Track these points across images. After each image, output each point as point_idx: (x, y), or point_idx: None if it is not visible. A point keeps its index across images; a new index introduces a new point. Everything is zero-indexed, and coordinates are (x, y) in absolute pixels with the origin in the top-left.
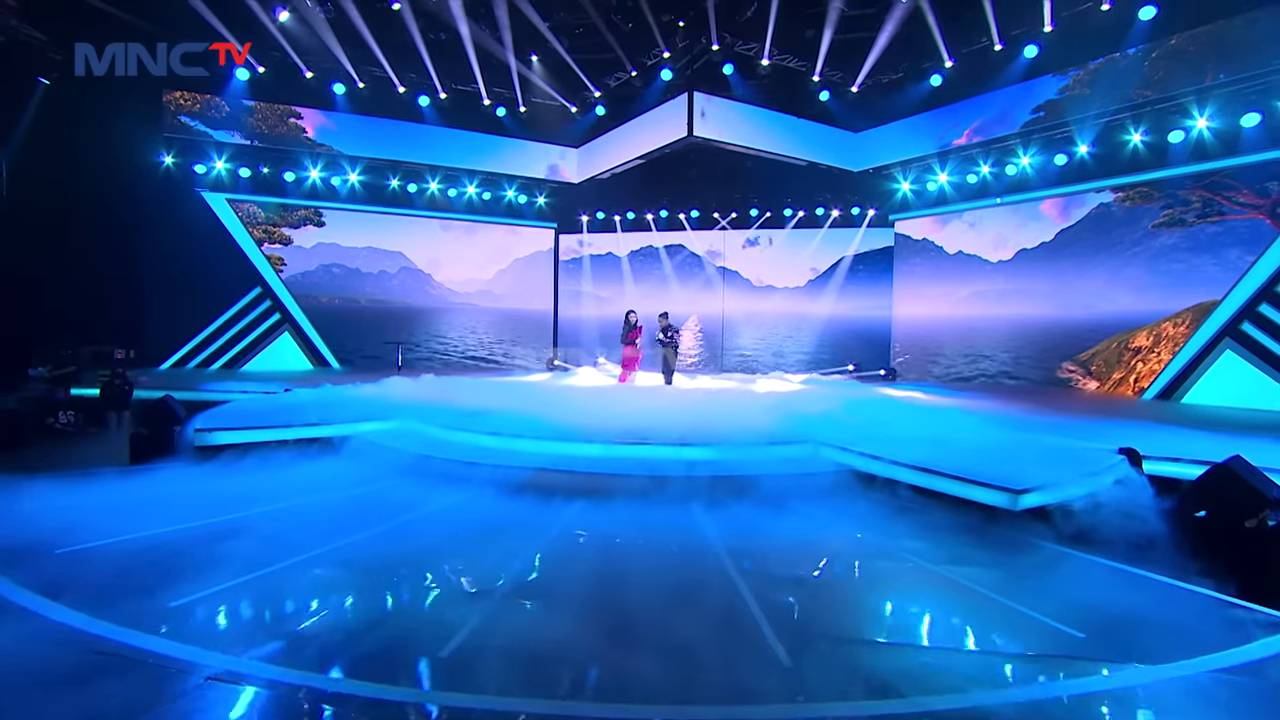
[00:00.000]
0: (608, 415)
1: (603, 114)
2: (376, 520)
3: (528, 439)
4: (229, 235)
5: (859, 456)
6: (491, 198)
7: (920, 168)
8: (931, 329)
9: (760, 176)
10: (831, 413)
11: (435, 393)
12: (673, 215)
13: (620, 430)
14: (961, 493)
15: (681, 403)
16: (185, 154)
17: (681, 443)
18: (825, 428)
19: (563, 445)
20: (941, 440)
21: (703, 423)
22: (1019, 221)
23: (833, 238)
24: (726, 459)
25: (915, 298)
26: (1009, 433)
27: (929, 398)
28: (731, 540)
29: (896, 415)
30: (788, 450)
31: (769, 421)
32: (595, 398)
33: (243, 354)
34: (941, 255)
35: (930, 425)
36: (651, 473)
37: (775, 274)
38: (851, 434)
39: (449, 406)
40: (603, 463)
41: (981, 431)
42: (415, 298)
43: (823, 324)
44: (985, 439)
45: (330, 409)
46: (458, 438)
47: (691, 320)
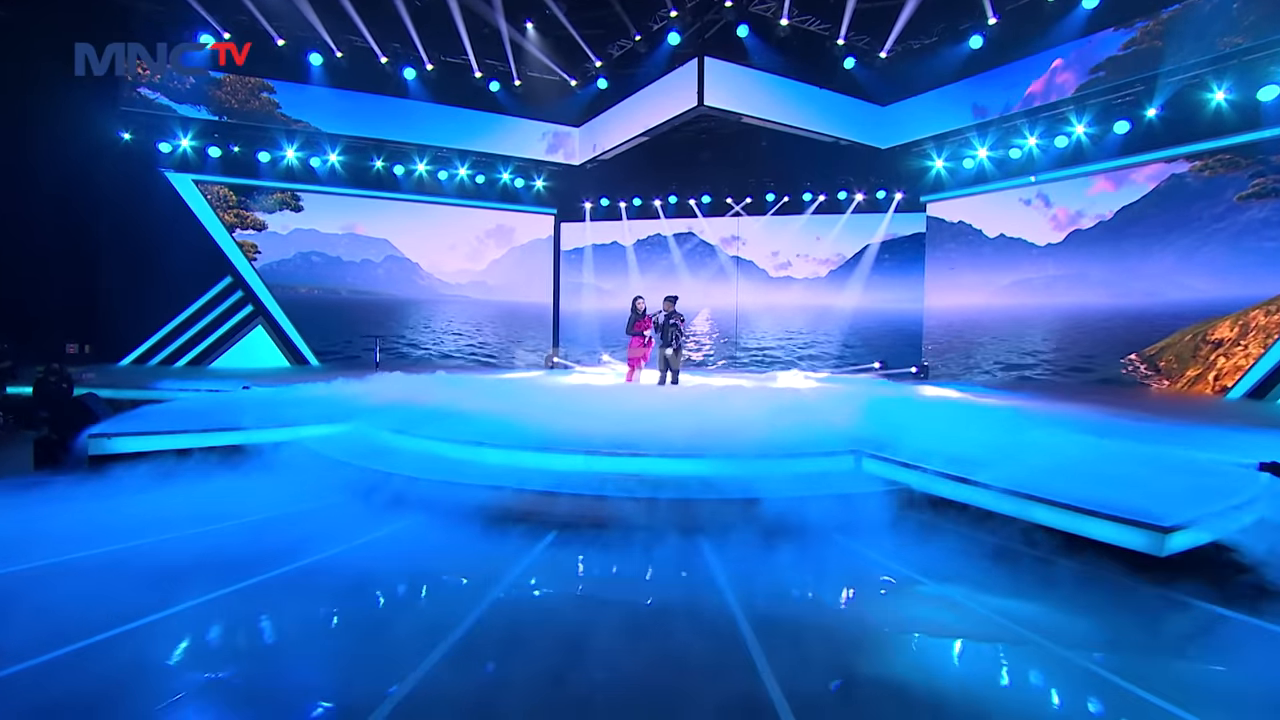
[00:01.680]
0: (599, 417)
1: (605, 87)
2: (259, 566)
3: (493, 447)
4: (196, 220)
5: (922, 474)
6: (485, 181)
7: (956, 142)
8: (968, 321)
9: (777, 157)
10: (867, 416)
11: (404, 392)
12: (682, 201)
13: (609, 437)
14: (1077, 528)
15: (687, 403)
16: (146, 130)
17: (685, 454)
18: (863, 434)
19: (535, 456)
20: (1018, 454)
21: (713, 427)
22: (1073, 199)
23: (857, 224)
24: (743, 475)
25: (950, 287)
26: (1100, 444)
27: (976, 398)
28: (755, 603)
29: (946, 419)
30: (822, 464)
31: (792, 426)
32: (589, 397)
33: (211, 350)
34: (980, 240)
35: (994, 432)
36: (646, 494)
37: (795, 263)
38: (898, 443)
39: (414, 407)
40: (584, 480)
41: (1063, 442)
42: (402, 289)
43: (846, 317)
44: (1073, 452)
45: (274, 411)
46: (411, 445)
47: (703, 313)
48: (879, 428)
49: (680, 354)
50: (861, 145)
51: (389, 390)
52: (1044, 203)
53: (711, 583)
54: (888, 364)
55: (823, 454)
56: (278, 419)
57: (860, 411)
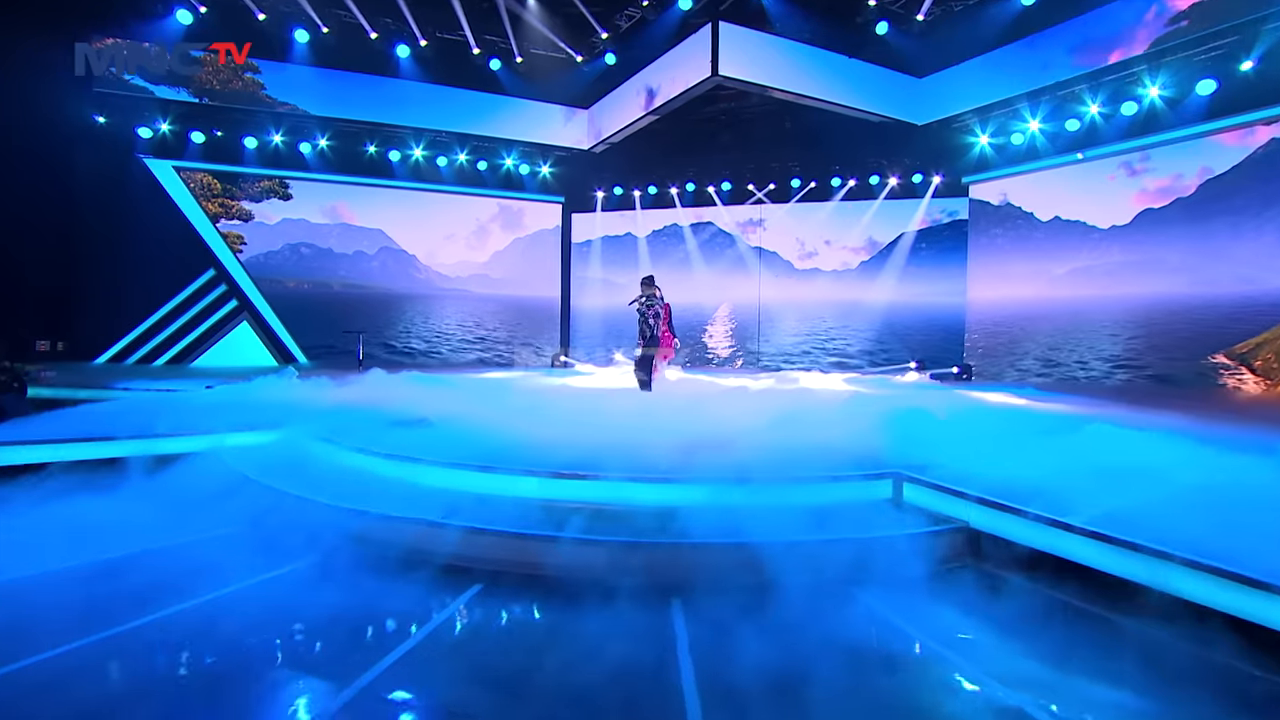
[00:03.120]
0: (579, 426)
1: (613, 63)
2: (98, 620)
3: (433, 466)
4: (177, 209)
5: (989, 512)
6: (487, 167)
7: (1004, 115)
8: (1018, 316)
9: (802, 139)
10: (904, 427)
11: (366, 394)
12: (700, 189)
13: (577, 455)
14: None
15: (681, 409)
16: (123, 113)
17: (663, 477)
18: (899, 451)
19: (475, 478)
20: (1119, 483)
21: (708, 441)
22: (1145, 173)
23: (891, 210)
24: (739, 507)
25: (996, 278)
26: (1231, 467)
27: (1034, 403)
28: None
29: (1006, 432)
30: (848, 491)
31: (810, 439)
32: (575, 401)
33: (192, 347)
34: (1031, 224)
35: (1076, 450)
36: (604, 534)
37: (822, 254)
38: (946, 464)
39: (363, 412)
40: (534, 513)
41: (1177, 463)
42: (398, 282)
43: (880, 313)
44: (1194, 478)
45: (208, 415)
46: (336, 459)
47: (723, 309)
48: (920, 443)
49: (659, 347)
50: (895, 121)
51: (351, 392)
52: (1126, 171)
53: (673, 683)
54: (926, 364)
55: (850, 478)
56: (204, 424)
57: (896, 421)
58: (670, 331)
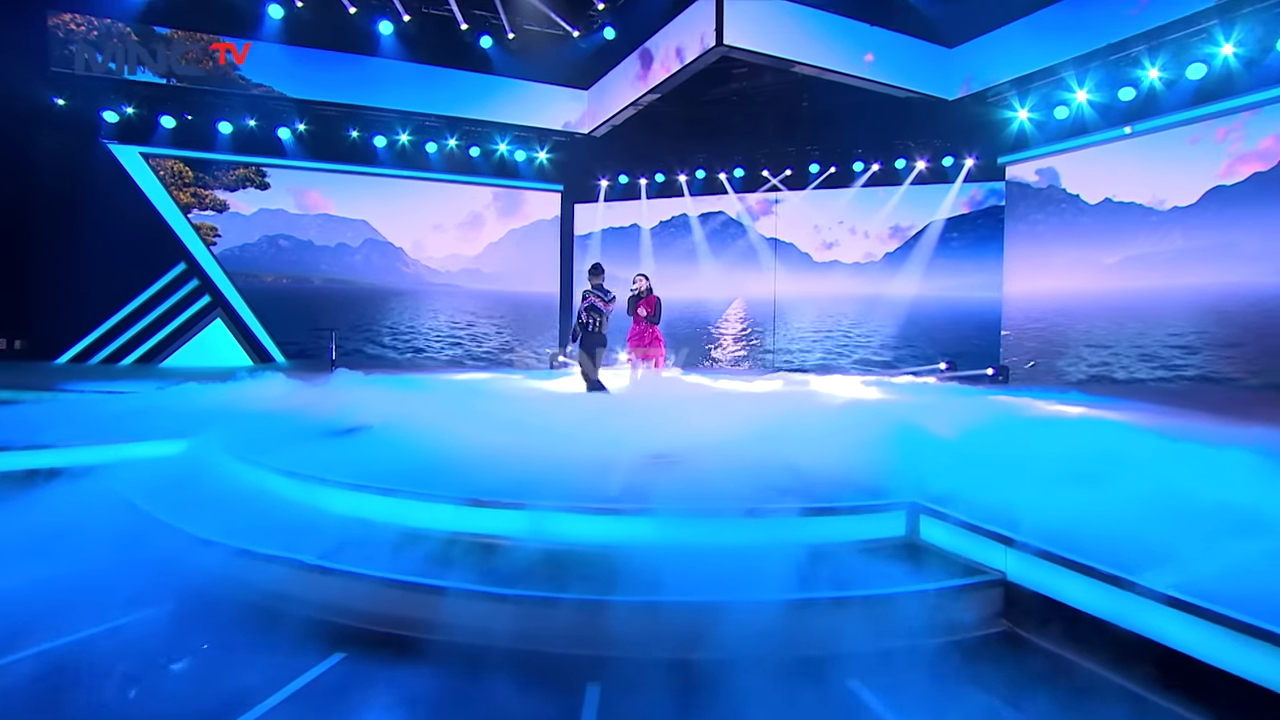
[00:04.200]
0: (535, 435)
1: (612, 38)
2: None
3: (336, 487)
4: (144, 198)
5: (1039, 563)
6: (480, 154)
7: (1046, 85)
8: (1061, 311)
9: (821, 120)
10: (925, 443)
11: (318, 398)
12: (711, 175)
13: (518, 473)
14: None
15: (667, 413)
16: (85, 96)
17: (606, 508)
18: (917, 473)
19: (387, 504)
20: (1223, 527)
21: (680, 454)
22: (1215, 146)
23: (919, 197)
24: (699, 549)
25: (1036, 269)
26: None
27: (1086, 411)
28: None
29: (1056, 448)
30: (847, 527)
31: (808, 455)
32: (549, 405)
33: (162, 346)
34: (1077, 208)
35: (1152, 474)
36: (537, 590)
37: (843, 245)
38: (975, 493)
39: (304, 419)
40: (443, 551)
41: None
42: (383, 277)
43: (906, 309)
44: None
45: (114, 423)
46: (239, 477)
47: (735, 305)
48: (943, 463)
49: (603, 345)
50: (924, 97)
51: (302, 396)
52: (1192, 144)
53: None
54: (957, 364)
55: (849, 510)
56: (112, 432)
57: (913, 435)
58: (647, 324)
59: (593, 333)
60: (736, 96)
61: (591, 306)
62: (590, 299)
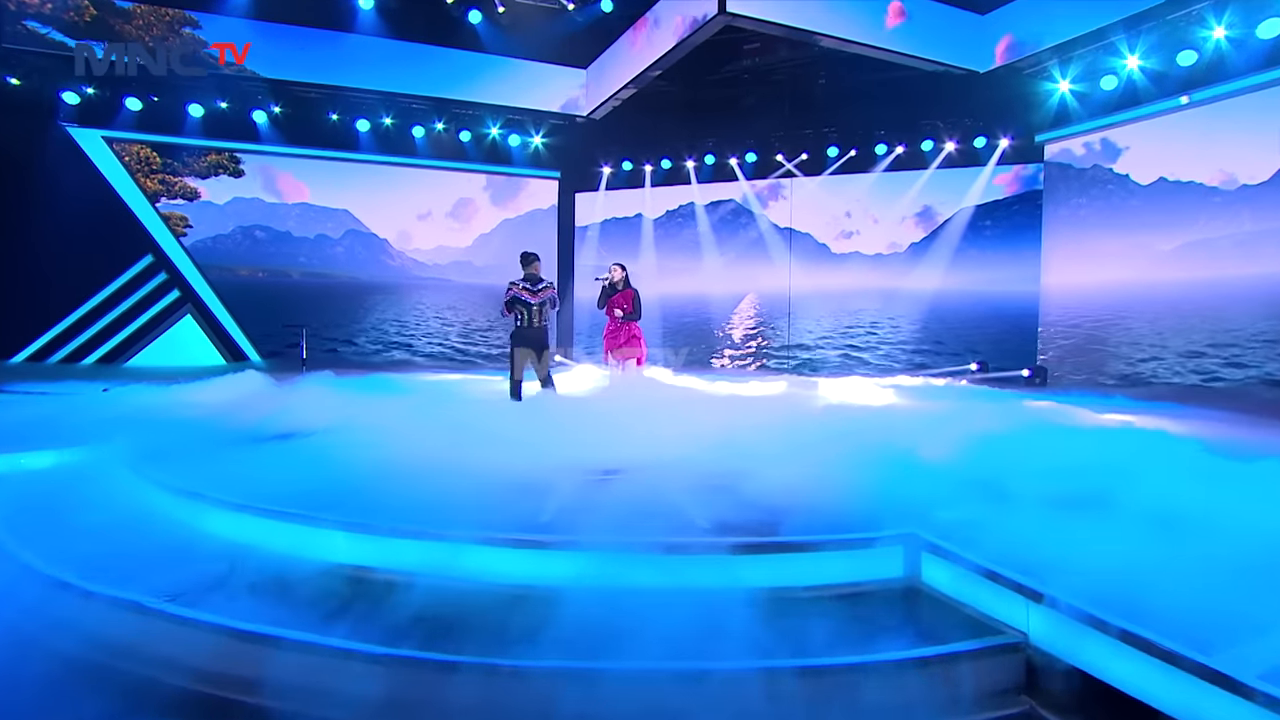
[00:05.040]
0: (483, 448)
1: (610, 10)
2: None
3: (218, 506)
4: (108, 186)
5: (1088, 631)
6: (470, 138)
7: (1092, 51)
8: (1107, 306)
9: (840, 99)
10: (936, 457)
11: (261, 400)
12: (721, 161)
13: (437, 494)
14: None
15: (645, 419)
16: (42, 75)
17: (533, 540)
18: (925, 497)
19: (268, 527)
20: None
21: (649, 469)
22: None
23: (947, 181)
24: (650, 591)
25: (1079, 258)
26: None
27: (1143, 421)
28: None
29: (1101, 473)
30: (825, 566)
31: (799, 471)
32: (520, 410)
33: (127, 344)
34: (1127, 189)
35: (1232, 505)
36: (427, 650)
37: (863, 235)
38: (996, 520)
39: (232, 423)
40: (318, 595)
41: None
42: (367, 270)
43: (933, 304)
44: None
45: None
46: (120, 493)
47: (747, 300)
48: (954, 486)
49: (548, 344)
50: (953, 70)
51: (251, 398)
52: (1264, 113)
53: None
54: (989, 365)
55: (830, 544)
56: None
57: (922, 450)
58: (624, 321)
59: (521, 329)
60: (748, 75)
61: (514, 299)
62: (512, 291)
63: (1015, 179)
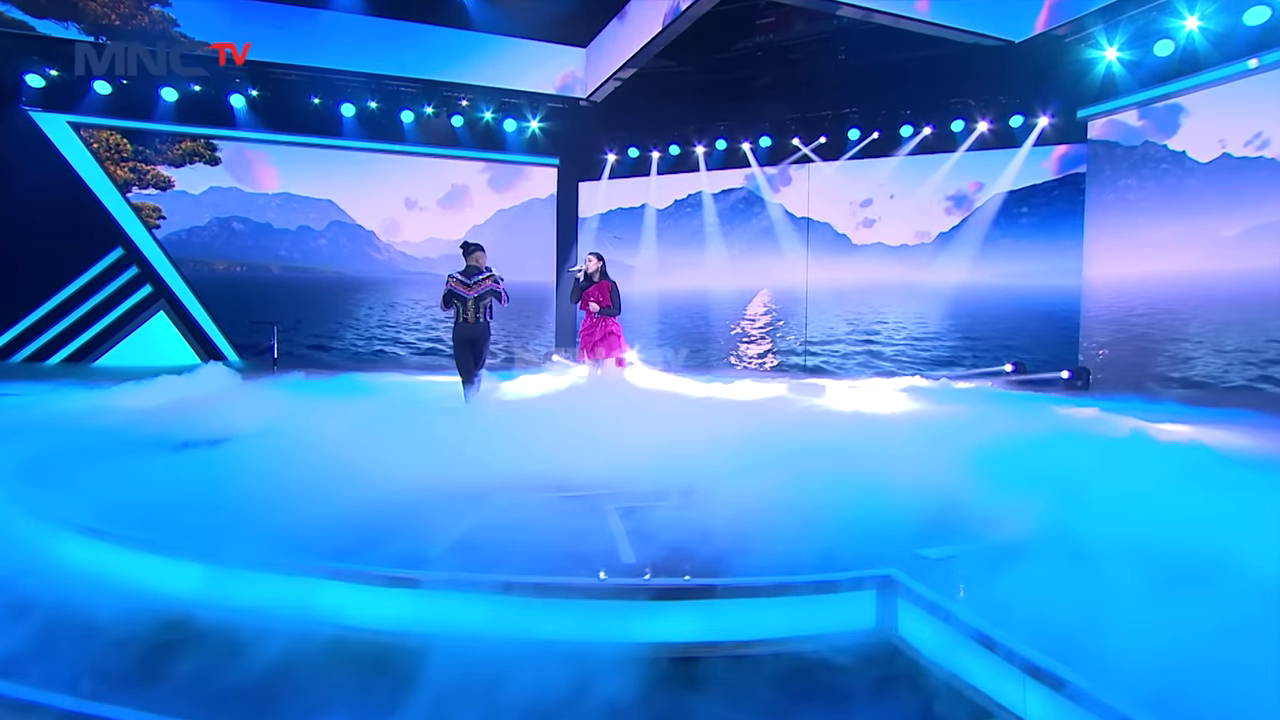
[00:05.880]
0: (416, 460)
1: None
2: None
3: (73, 531)
4: (75, 175)
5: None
6: (464, 123)
7: (1145, 11)
8: (1161, 299)
9: (862, 77)
10: (954, 477)
11: (210, 401)
12: (733, 147)
13: (330, 515)
14: None
15: (598, 425)
16: (2, 55)
17: (402, 577)
18: (928, 534)
19: (121, 556)
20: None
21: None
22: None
23: (979, 164)
24: (541, 647)
25: (1127, 247)
26: None
27: (1204, 434)
28: None
29: (1144, 501)
30: (772, 614)
31: (763, 493)
32: (480, 416)
33: (96, 342)
34: (1183, 168)
35: None
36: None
37: (886, 223)
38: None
39: (152, 427)
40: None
41: None
42: (352, 264)
43: (962, 299)
44: None
45: None
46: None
47: (761, 297)
48: (958, 519)
49: (488, 335)
50: (986, 41)
51: (194, 399)
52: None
53: None
54: (1026, 366)
55: (781, 586)
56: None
57: (920, 469)
58: (600, 316)
59: (458, 324)
60: (761, 53)
61: (449, 293)
62: (448, 284)
63: (1055, 160)
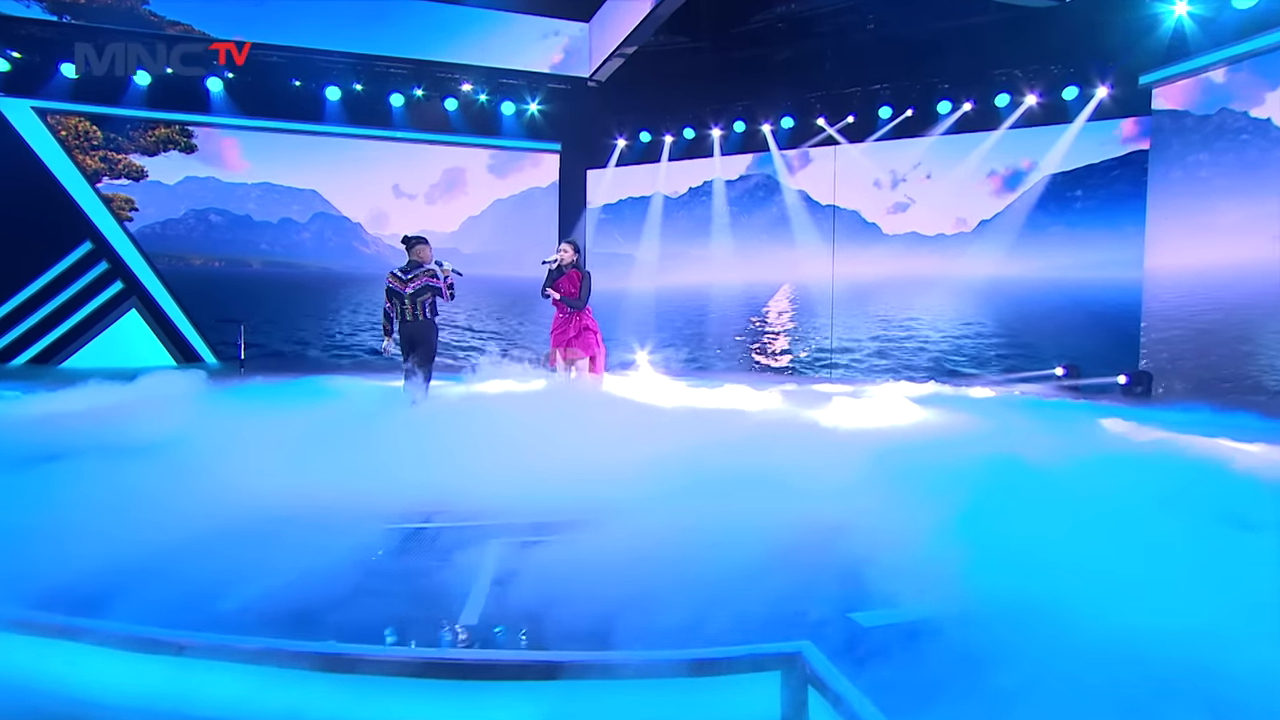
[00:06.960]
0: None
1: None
2: None
3: None
4: (41, 164)
5: None
6: (457, 106)
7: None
8: (1236, 293)
9: (894, 50)
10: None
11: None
12: (752, 129)
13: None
14: None
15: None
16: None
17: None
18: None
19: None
20: None
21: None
22: None
23: (1025, 142)
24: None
25: (1196, 232)
26: None
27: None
28: None
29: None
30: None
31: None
32: (426, 424)
33: (63, 342)
34: (1266, 138)
35: None
36: None
37: (921, 209)
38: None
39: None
40: None
41: None
42: (338, 258)
43: (1007, 294)
44: None
45: None
46: None
47: (782, 292)
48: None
49: (435, 333)
50: (1032, 1)
51: (128, 403)
52: None
53: None
54: (1079, 369)
55: (650, 664)
56: None
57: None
58: (572, 311)
59: (408, 321)
60: (782, 24)
61: (387, 290)
62: (388, 281)
63: (1114, 136)
